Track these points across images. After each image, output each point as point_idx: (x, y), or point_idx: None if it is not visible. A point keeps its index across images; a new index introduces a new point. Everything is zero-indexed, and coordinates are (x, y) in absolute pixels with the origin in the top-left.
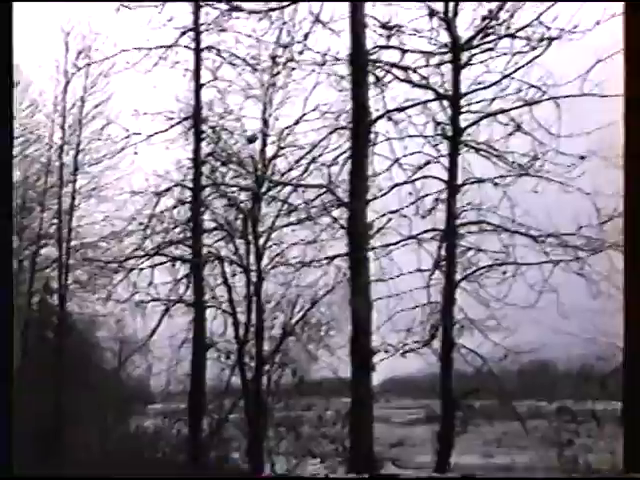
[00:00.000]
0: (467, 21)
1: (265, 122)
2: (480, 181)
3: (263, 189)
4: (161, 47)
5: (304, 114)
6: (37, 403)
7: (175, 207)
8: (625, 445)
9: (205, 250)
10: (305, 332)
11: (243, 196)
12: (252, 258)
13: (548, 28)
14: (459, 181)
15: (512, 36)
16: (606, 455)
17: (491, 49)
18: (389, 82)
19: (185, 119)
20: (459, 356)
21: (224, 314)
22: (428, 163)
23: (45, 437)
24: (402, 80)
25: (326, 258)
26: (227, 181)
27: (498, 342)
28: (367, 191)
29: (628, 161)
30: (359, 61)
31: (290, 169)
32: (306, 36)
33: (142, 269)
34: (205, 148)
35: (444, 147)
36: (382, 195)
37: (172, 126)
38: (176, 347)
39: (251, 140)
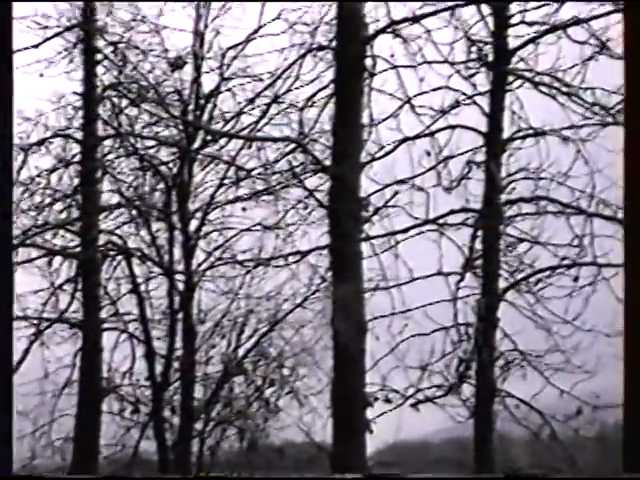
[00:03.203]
0: None
1: (200, 37)
2: (539, 133)
3: (196, 144)
4: None
5: (261, 26)
6: None
7: (54, 170)
8: (625, 445)
9: (102, 239)
10: (259, 369)
11: (164, 154)
12: (178, 252)
13: None
14: (505, 134)
15: None
16: None
17: None
18: None
19: (69, 29)
20: (503, 410)
21: (131, 341)
22: (456, 105)
23: None
24: None
25: (295, 253)
26: (138, 131)
27: (567, 389)
28: (360, 149)
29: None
30: None
31: (239, 113)
32: None
33: None
34: (103, 77)
35: (482, 79)
36: (384, 155)
37: (47, 39)
38: (53, 393)
39: (177, 65)
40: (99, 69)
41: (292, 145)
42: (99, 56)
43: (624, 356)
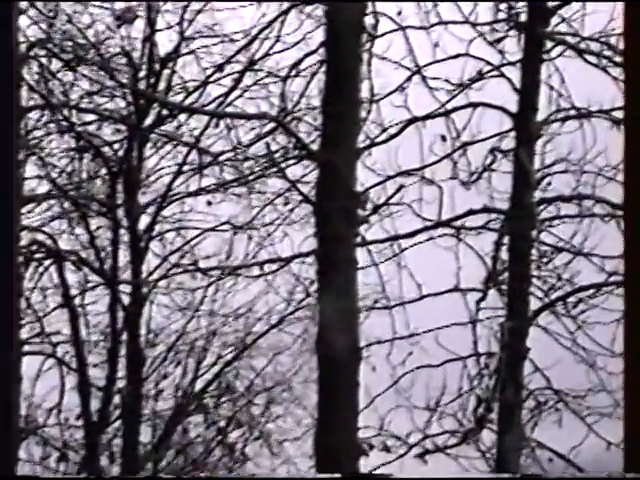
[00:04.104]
0: None
1: None
2: (583, 115)
3: (149, 120)
4: None
5: None
6: None
7: None
8: (625, 445)
9: (25, 238)
10: (223, 407)
11: (107, 132)
12: (124, 257)
13: None
14: (540, 115)
15: None
16: None
17: None
18: None
19: None
20: (532, 465)
21: (60, 368)
22: (479, 78)
23: None
24: None
25: (273, 260)
26: (74, 101)
27: (615, 440)
28: (357, 131)
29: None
30: None
31: (204, 82)
32: None
33: None
34: (28, 31)
35: (513, 45)
36: (387, 140)
37: None
38: None
39: (125, 19)
40: (22, 20)
41: (271, 124)
42: (23, 4)
43: (624, 354)
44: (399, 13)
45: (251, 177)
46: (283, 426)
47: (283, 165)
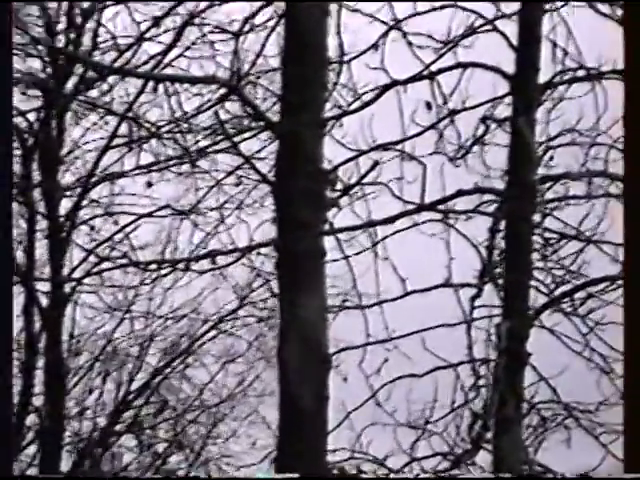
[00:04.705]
0: None
1: None
2: (594, 77)
3: (70, 84)
4: None
5: None
6: None
7: None
8: (625, 445)
9: None
10: (161, 427)
11: (20, 100)
12: (41, 249)
13: None
14: (542, 76)
15: None
16: None
17: None
18: None
19: None
20: None
21: None
22: (469, 33)
23: None
24: None
25: (225, 253)
26: None
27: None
28: (324, 97)
29: None
30: None
31: (139, 39)
32: None
33: None
34: None
35: None
36: (360, 108)
37: None
38: None
39: None
40: None
41: (221, 90)
42: None
43: (624, 354)
44: None
45: (196, 153)
46: (233, 448)
47: (236, 139)
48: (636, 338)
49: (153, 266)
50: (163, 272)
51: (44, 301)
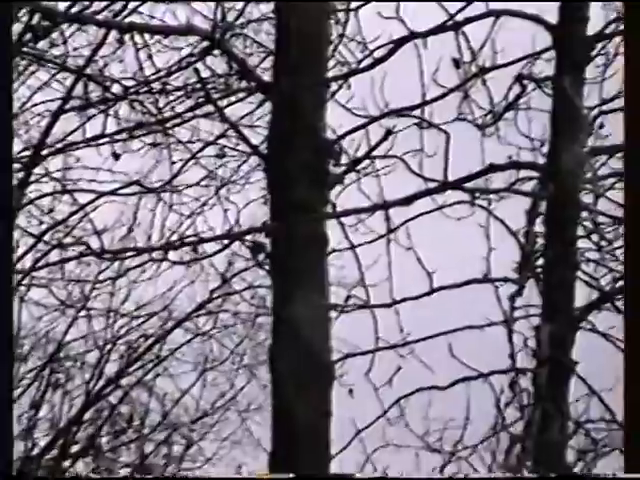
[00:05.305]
0: None
1: None
2: None
3: (24, 35)
4: None
5: None
6: None
7: None
8: (625, 445)
9: None
10: (123, 452)
11: None
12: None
13: None
14: (592, 27)
15: None
16: None
17: None
18: None
19: None
20: None
21: None
22: None
23: None
24: None
25: (207, 240)
26: None
27: None
28: (326, 54)
29: None
30: None
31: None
32: None
33: None
34: None
35: None
36: (370, 66)
37: None
38: None
39: None
40: None
41: (203, 43)
42: None
43: (624, 354)
44: None
45: (173, 119)
46: (211, 473)
47: (220, 103)
48: (636, 340)
49: (116, 255)
50: (133, 263)
51: None
